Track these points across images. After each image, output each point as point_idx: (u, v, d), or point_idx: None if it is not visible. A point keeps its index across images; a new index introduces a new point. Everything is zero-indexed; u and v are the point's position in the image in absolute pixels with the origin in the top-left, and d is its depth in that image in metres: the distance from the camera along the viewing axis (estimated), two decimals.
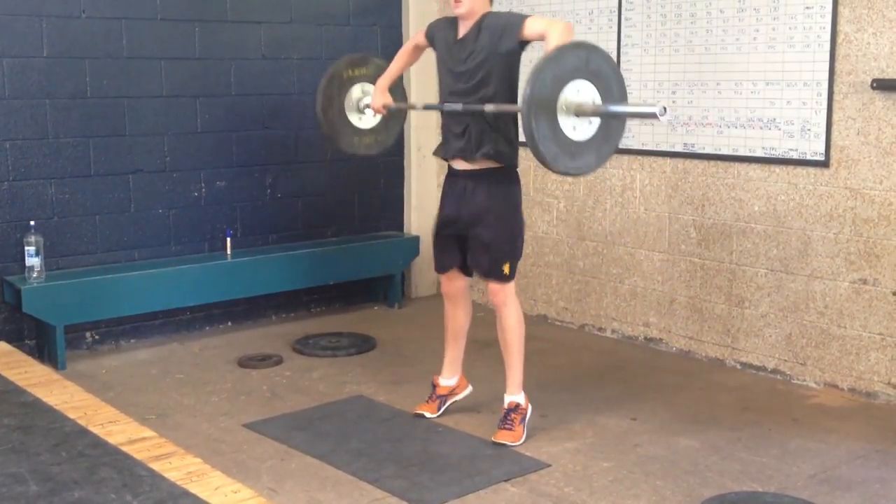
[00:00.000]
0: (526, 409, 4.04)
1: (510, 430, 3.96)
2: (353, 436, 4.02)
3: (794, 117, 4.55)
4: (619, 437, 4.02)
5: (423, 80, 6.29)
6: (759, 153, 4.70)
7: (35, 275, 4.85)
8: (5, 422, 3.33)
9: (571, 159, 3.41)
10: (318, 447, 3.89)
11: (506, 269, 3.95)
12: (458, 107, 3.87)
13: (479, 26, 3.86)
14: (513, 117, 3.93)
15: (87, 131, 5.10)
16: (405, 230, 6.36)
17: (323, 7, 5.87)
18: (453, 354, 4.26)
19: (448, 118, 4.03)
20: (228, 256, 5.55)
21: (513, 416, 4.00)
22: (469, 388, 4.32)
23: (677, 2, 4.94)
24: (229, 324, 5.71)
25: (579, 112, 3.36)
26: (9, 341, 4.59)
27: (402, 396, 4.48)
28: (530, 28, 3.74)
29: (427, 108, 4.32)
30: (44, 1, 4.90)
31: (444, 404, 4.25)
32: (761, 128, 4.67)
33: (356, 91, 4.38)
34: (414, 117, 6.23)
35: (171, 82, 5.34)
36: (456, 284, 4.17)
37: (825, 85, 4.42)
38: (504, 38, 3.78)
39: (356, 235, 6.12)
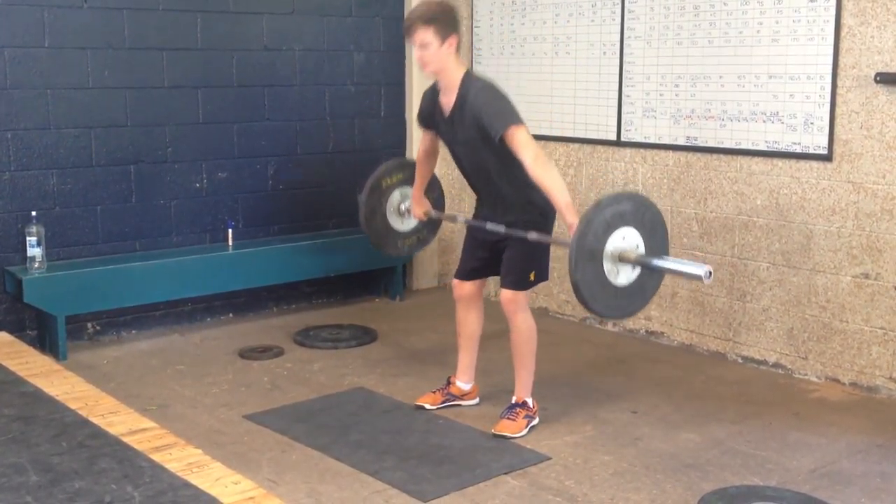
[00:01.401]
0: (533, 412, 4.03)
1: (512, 420, 3.97)
2: (354, 427, 4.02)
3: (798, 111, 4.53)
4: (620, 431, 4.02)
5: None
6: (761, 147, 4.69)
7: (36, 265, 4.84)
8: (6, 412, 3.34)
9: (612, 302, 3.42)
10: (318, 439, 3.89)
11: (531, 276, 3.94)
12: (501, 229, 3.89)
13: (461, 103, 3.81)
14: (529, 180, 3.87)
15: (88, 121, 5.09)
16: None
17: None
18: (468, 359, 4.25)
19: (473, 185, 4.07)
20: (230, 248, 5.55)
21: (518, 409, 4.01)
22: (477, 400, 4.31)
23: None
24: (230, 315, 5.71)
25: (623, 259, 3.37)
26: (10, 332, 4.59)
27: (402, 388, 4.48)
28: (511, 142, 3.68)
29: (468, 223, 4.22)
30: None
31: (448, 402, 4.25)
32: (764, 121, 4.66)
33: (396, 196, 4.45)
34: (415, 107, 6.20)
35: (172, 73, 5.33)
36: (469, 287, 4.17)
37: (828, 78, 4.40)
38: (488, 132, 3.72)
39: (357, 227, 6.05)
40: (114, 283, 5.03)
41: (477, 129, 3.76)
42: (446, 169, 6.26)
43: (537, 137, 5.64)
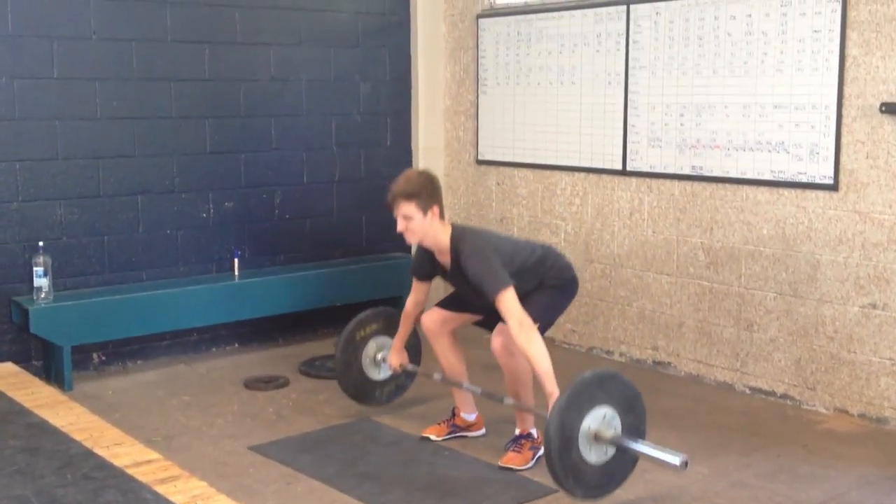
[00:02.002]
0: (539, 444, 4.01)
1: (518, 452, 3.94)
2: (360, 459, 4.00)
3: (803, 140, 4.54)
4: None
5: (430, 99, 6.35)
6: (767, 176, 4.69)
7: (43, 295, 4.85)
8: (11, 443, 3.33)
9: (589, 480, 3.41)
10: (324, 470, 3.87)
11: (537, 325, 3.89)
12: (478, 390, 4.01)
13: (456, 262, 3.88)
14: (538, 275, 3.98)
15: (96, 152, 5.12)
16: (412, 252, 6.34)
17: (331, 29, 5.90)
18: (463, 394, 4.25)
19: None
20: (236, 277, 5.55)
21: (524, 441, 3.99)
22: (483, 431, 4.30)
23: (685, 25, 4.94)
24: (236, 345, 5.70)
25: (599, 439, 3.39)
26: (16, 362, 4.60)
27: (408, 419, 4.46)
28: (499, 306, 3.72)
29: (444, 381, 4.27)
30: (55, 23, 4.93)
31: (453, 433, 4.23)
32: (770, 151, 4.67)
33: (372, 347, 4.50)
34: (421, 137, 6.25)
35: (180, 103, 5.37)
36: (445, 323, 4.17)
37: (834, 108, 4.41)
38: (482, 291, 3.78)
39: (363, 257, 6.12)
40: (120, 313, 5.03)
41: (475, 283, 3.82)
42: (452, 198, 6.28)
43: (542, 167, 5.71)
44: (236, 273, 5.58)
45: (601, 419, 3.40)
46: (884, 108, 4.24)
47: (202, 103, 5.45)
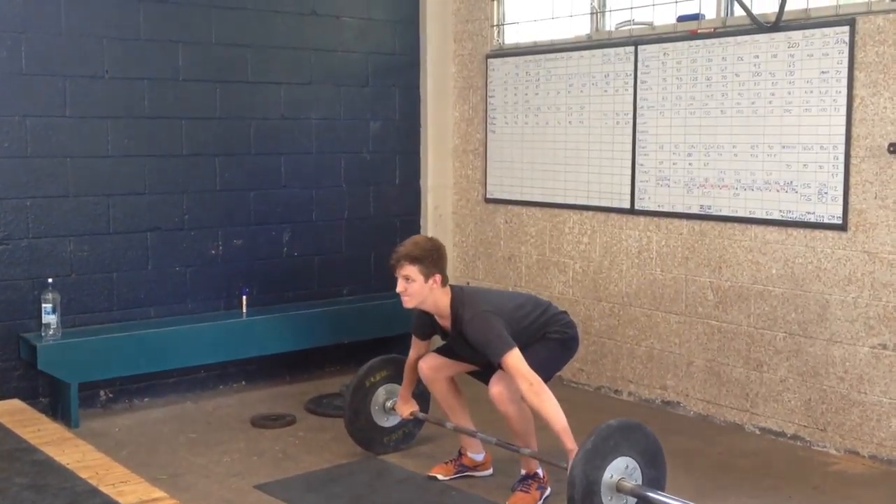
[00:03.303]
0: (545, 483, 3.98)
1: (525, 492, 3.92)
2: (366, 498, 3.97)
3: (811, 180, 4.54)
4: None
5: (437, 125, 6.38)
6: (776, 216, 4.69)
7: (51, 332, 4.85)
8: (17, 480, 3.32)
9: None
10: None
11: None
12: (492, 440, 3.99)
13: (458, 327, 3.88)
14: (541, 338, 4.00)
15: (107, 189, 5.15)
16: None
17: (342, 68, 5.95)
18: (469, 437, 4.22)
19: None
20: (244, 314, 5.56)
21: (531, 481, 3.96)
22: (490, 471, 4.27)
23: (693, 66, 4.97)
24: (243, 382, 5.69)
25: (621, 489, 3.40)
26: (23, 398, 4.59)
27: (415, 458, 4.43)
28: (507, 369, 3.73)
29: (457, 430, 4.27)
30: (68, 62, 4.98)
31: (461, 472, 4.20)
32: (778, 190, 4.67)
33: (381, 394, 4.51)
34: (430, 175, 6.28)
35: (191, 141, 5.41)
36: (443, 370, 4.15)
37: (842, 148, 4.42)
38: (486, 355, 3.80)
39: (372, 294, 6.11)
40: (128, 350, 5.03)
41: (478, 348, 3.83)
42: (460, 237, 6.29)
43: (551, 206, 5.72)
44: (244, 310, 5.58)
45: (623, 469, 3.39)
46: (892, 149, 4.24)
47: (213, 141, 5.49)
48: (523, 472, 4.00)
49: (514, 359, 3.72)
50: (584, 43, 5.55)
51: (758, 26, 4.66)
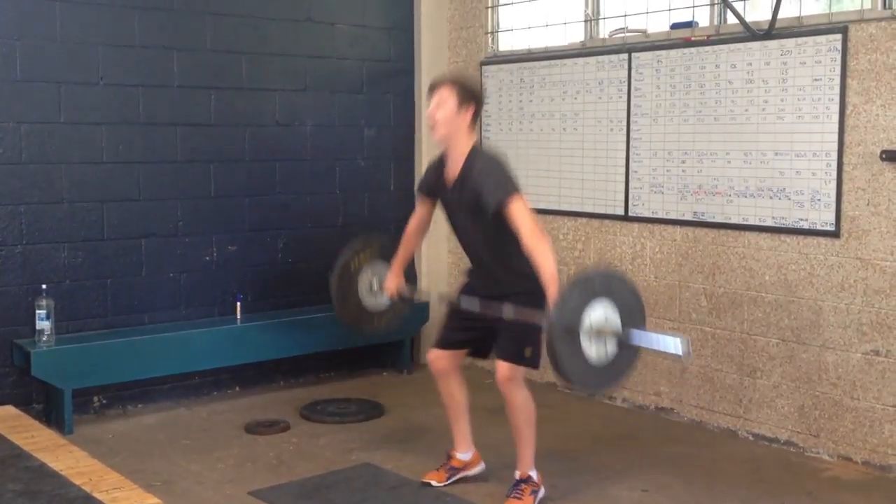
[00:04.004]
0: (539, 486, 3.99)
1: (518, 498, 3.92)
2: None
3: (804, 187, 4.56)
4: None
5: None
6: (769, 223, 4.70)
7: (45, 338, 4.85)
8: (10, 487, 3.31)
9: (592, 378, 3.47)
10: None
11: (527, 352, 3.89)
12: (476, 305, 3.90)
13: (464, 176, 3.84)
14: (523, 258, 3.87)
15: (101, 196, 5.15)
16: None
17: (337, 75, 5.96)
18: (462, 429, 4.23)
19: (469, 256, 4.06)
20: (238, 321, 5.55)
21: (523, 486, 3.96)
22: (482, 465, 4.27)
23: (686, 73, 5.00)
24: (237, 388, 5.68)
25: (600, 334, 3.41)
26: (17, 405, 4.57)
27: (409, 464, 4.44)
28: (508, 213, 3.70)
29: (442, 299, 4.28)
30: (63, 68, 4.99)
31: (453, 476, 4.20)
32: (771, 197, 4.69)
33: (367, 276, 4.46)
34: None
35: (185, 148, 5.41)
36: (451, 361, 4.14)
37: (834, 156, 4.44)
38: (490, 205, 3.74)
39: None
40: (121, 356, 5.03)
41: (476, 202, 3.78)
42: (454, 243, 6.29)
43: (545, 212, 5.73)
44: (238, 316, 5.58)
45: (602, 315, 3.37)
46: (884, 156, 4.26)
47: (207, 148, 5.49)
48: (517, 475, 4.00)
49: (519, 204, 3.68)
50: (578, 50, 5.58)
51: (751, 34, 4.68)
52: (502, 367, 3.90)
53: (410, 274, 4.48)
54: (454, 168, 3.89)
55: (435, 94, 3.85)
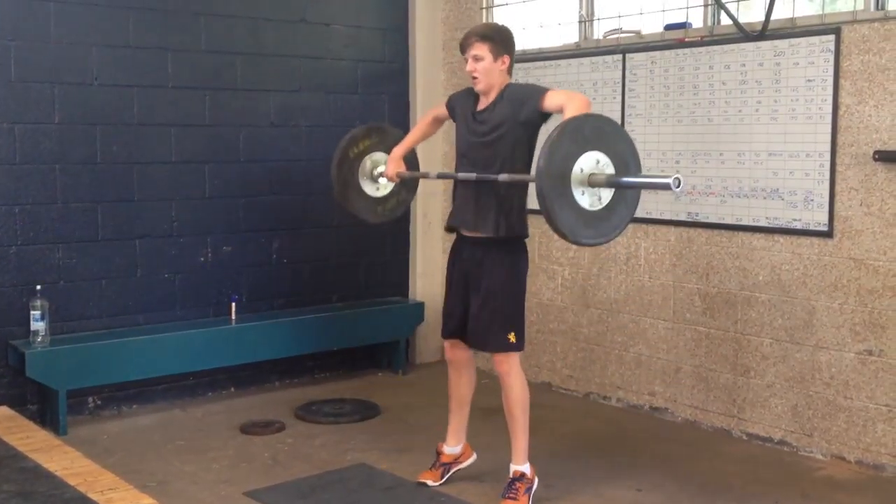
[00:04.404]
0: (532, 480, 4.00)
1: (514, 499, 3.92)
2: None
3: (798, 188, 4.58)
4: None
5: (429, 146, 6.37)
6: (762, 223, 4.72)
7: (39, 339, 4.85)
8: (5, 488, 3.31)
9: (586, 229, 3.46)
10: None
11: (511, 336, 3.94)
12: (472, 175, 3.94)
13: (499, 97, 3.95)
14: (524, 188, 3.98)
15: (96, 196, 5.15)
16: (410, 296, 6.36)
17: (331, 76, 5.97)
18: (457, 422, 4.24)
19: (460, 188, 4.08)
20: (233, 321, 5.55)
21: (518, 484, 3.97)
22: (474, 457, 4.29)
23: (680, 74, 5.01)
24: (232, 389, 5.68)
25: (593, 183, 3.40)
26: (11, 406, 4.57)
27: (405, 464, 4.44)
28: (550, 100, 3.80)
29: (441, 176, 4.42)
30: (57, 69, 4.98)
31: (447, 472, 4.21)
32: (765, 198, 4.70)
33: (367, 164, 4.47)
34: (420, 185, 6.27)
35: (180, 148, 5.41)
36: (460, 352, 4.17)
37: (827, 156, 4.46)
38: (524, 108, 3.85)
39: (361, 301, 6.12)
40: (116, 357, 5.02)
41: (511, 109, 3.85)
42: (449, 244, 6.30)
43: (540, 212, 5.71)
44: (233, 317, 5.58)
45: (594, 164, 3.39)
46: (877, 157, 4.28)
47: (202, 148, 5.49)
48: (511, 473, 4.01)
49: (556, 90, 3.82)
50: (572, 51, 5.59)
51: (744, 35, 4.70)
52: (500, 361, 3.96)
53: (410, 161, 4.44)
54: (488, 98, 3.98)
55: (469, 50, 3.94)
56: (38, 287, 4.91)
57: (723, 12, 4.82)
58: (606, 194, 3.45)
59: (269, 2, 5.67)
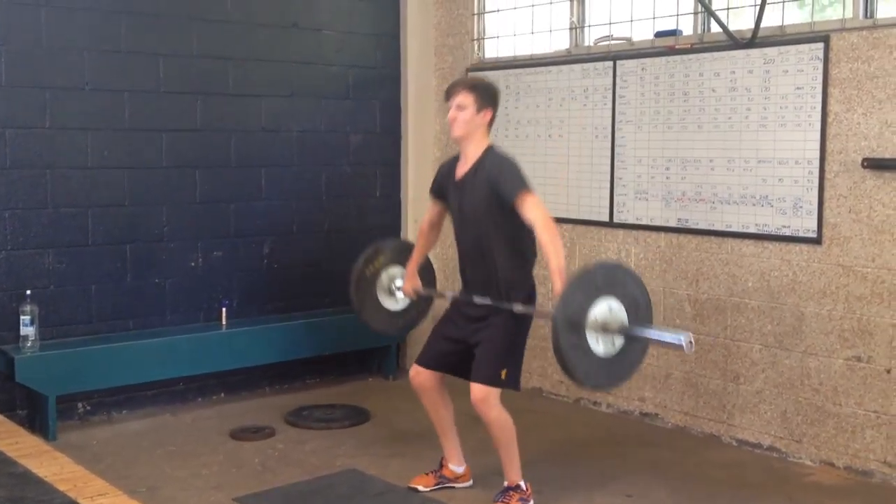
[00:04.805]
0: (528, 495, 4.00)
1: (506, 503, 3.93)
2: None
3: (787, 194, 4.60)
4: None
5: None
6: (752, 229, 4.74)
7: (29, 344, 4.84)
8: None
9: (600, 375, 3.49)
10: None
11: (503, 374, 3.91)
12: (487, 300, 3.94)
13: (479, 164, 3.90)
14: (524, 256, 3.96)
15: (86, 201, 5.14)
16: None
17: (323, 81, 5.97)
18: (451, 446, 4.24)
19: (466, 264, 4.08)
20: (223, 327, 5.55)
21: (511, 492, 3.98)
22: (470, 482, 4.28)
23: (670, 80, 5.03)
24: (222, 395, 5.67)
25: (606, 329, 3.43)
26: (1, 411, 4.56)
27: (395, 470, 4.44)
28: (527, 210, 3.74)
29: (454, 298, 4.29)
30: (49, 73, 4.98)
31: (441, 484, 4.21)
32: (754, 204, 4.72)
33: (384, 280, 4.52)
34: (410, 188, 6.29)
35: (171, 153, 5.41)
36: (431, 379, 4.14)
37: (816, 163, 4.48)
38: (500, 192, 3.80)
39: (351, 307, 6.10)
40: (106, 362, 5.01)
41: (487, 192, 3.84)
42: (441, 249, 6.31)
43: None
44: (224, 322, 5.57)
45: (607, 310, 3.41)
46: (865, 164, 4.31)
47: (193, 153, 5.49)
48: (506, 483, 4.01)
49: (535, 197, 3.76)
50: (563, 57, 5.61)
51: (734, 42, 4.72)
52: (476, 389, 3.91)
53: (428, 272, 4.53)
54: (467, 164, 3.96)
55: (454, 97, 3.93)
56: (28, 292, 4.89)
57: (713, 20, 4.85)
58: (620, 339, 3.48)
59: (261, 7, 5.68)
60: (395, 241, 4.54)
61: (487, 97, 3.93)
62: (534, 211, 3.74)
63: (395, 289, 4.50)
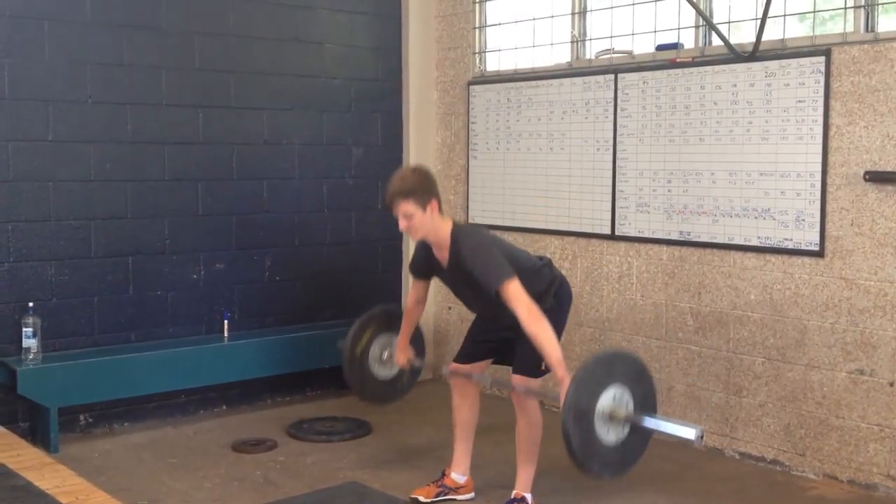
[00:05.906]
0: None
1: None
2: None
3: (789, 207, 4.60)
4: None
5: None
6: (754, 242, 4.74)
7: (31, 356, 4.83)
8: None
9: (610, 463, 3.50)
10: None
11: (542, 366, 3.90)
12: (488, 381, 4.03)
13: (455, 256, 3.87)
14: (537, 278, 3.96)
15: (89, 213, 5.15)
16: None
17: (324, 94, 5.99)
18: (462, 449, 4.25)
19: (481, 318, 4.15)
20: (225, 339, 5.55)
21: None
22: (472, 496, 4.27)
23: (671, 94, 5.04)
24: (224, 407, 5.67)
25: (613, 417, 3.43)
26: (2, 423, 4.57)
27: (396, 483, 4.43)
28: (505, 297, 3.71)
29: (451, 374, 4.30)
30: (51, 86, 4.99)
31: (443, 495, 4.21)
32: (756, 217, 4.73)
33: (375, 352, 4.50)
34: None
35: (173, 166, 5.42)
36: (464, 377, 4.16)
37: (818, 176, 4.49)
38: (483, 281, 3.77)
39: (353, 319, 6.08)
40: (108, 375, 5.01)
41: (474, 275, 3.82)
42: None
43: (532, 231, 5.76)
44: (226, 335, 5.57)
45: (612, 399, 3.40)
46: (867, 177, 4.31)
47: (195, 166, 5.50)
48: (512, 495, 4.01)
49: (514, 286, 3.69)
50: (564, 70, 5.62)
51: (735, 56, 4.74)
52: (517, 380, 3.96)
53: (418, 342, 4.54)
54: (443, 251, 3.94)
55: (396, 209, 3.88)
56: (31, 304, 4.90)
57: (714, 33, 4.86)
58: (625, 430, 3.49)
59: (263, 21, 5.70)
60: (377, 309, 4.52)
61: (424, 191, 3.86)
62: (514, 304, 3.69)
63: (387, 358, 4.48)
